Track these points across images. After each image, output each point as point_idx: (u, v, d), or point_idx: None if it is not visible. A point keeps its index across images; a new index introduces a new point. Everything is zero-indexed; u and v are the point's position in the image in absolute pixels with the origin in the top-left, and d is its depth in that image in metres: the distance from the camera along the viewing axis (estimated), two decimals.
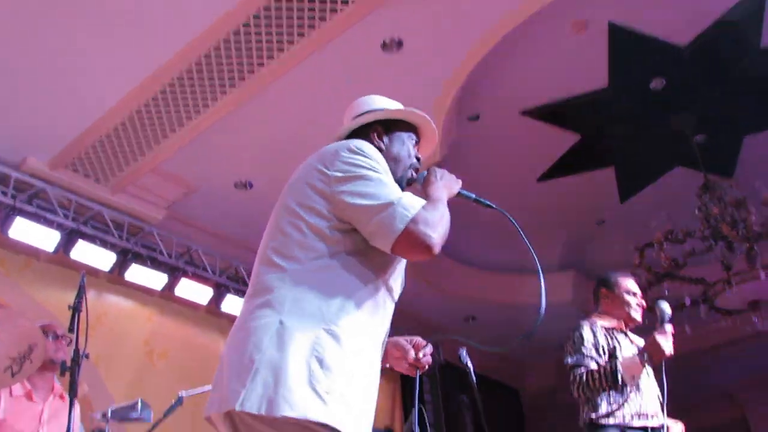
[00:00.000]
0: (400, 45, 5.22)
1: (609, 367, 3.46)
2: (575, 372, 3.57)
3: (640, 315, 3.81)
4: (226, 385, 1.69)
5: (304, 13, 4.81)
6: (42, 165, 6.00)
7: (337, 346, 1.71)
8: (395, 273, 1.97)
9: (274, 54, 5.07)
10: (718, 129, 6.94)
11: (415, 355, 2.15)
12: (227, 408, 1.65)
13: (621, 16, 5.63)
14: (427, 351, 2.17)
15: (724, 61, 6.13)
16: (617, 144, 7.12)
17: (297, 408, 1.59)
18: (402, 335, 2.20)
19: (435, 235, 1.79)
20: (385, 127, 2.16)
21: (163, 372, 6.81)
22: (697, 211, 6.54)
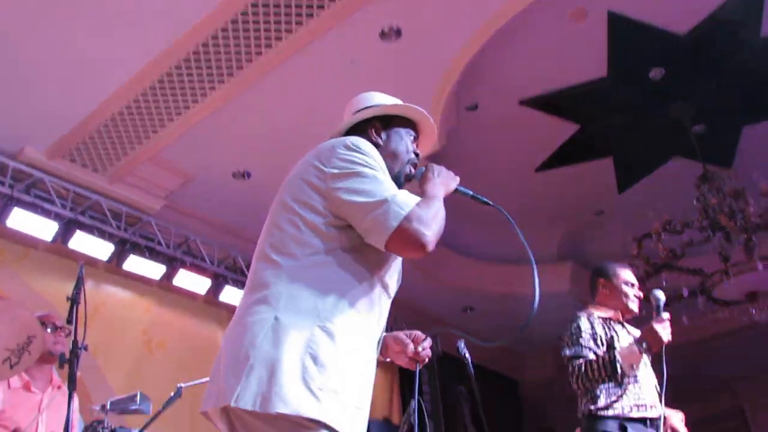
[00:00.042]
0: (398, 34, 5.21)
1: (607, 358, 3.44)
2: (573, 363, 3.55)
3: (637, 306, 3.81)
4: (221, 381, 1.70)
5: (302, 2, 4.80)
6: (39, 155, 5.99)
7: (332, 343, 1.72)
8: (391, 270, 1.97)
9: (272, 43, 5.05)
10: (716, 119, 6.93)
11: (415, 349, 2.16)
12: (223, 403, 1.66)
13: (620, 5, 5.61)
14: (426, 344, 2.18)
15: (723, 51, 6.11)
16: (616, 134, 7.11)
17: (290, 405, 1.60)
18: (400, 325, 2.21)
19: (429, 233, 1.80)
20: (384, 123, 2.15)
21: (162, 362, 6.81)
22: (696, 202, 6.53)
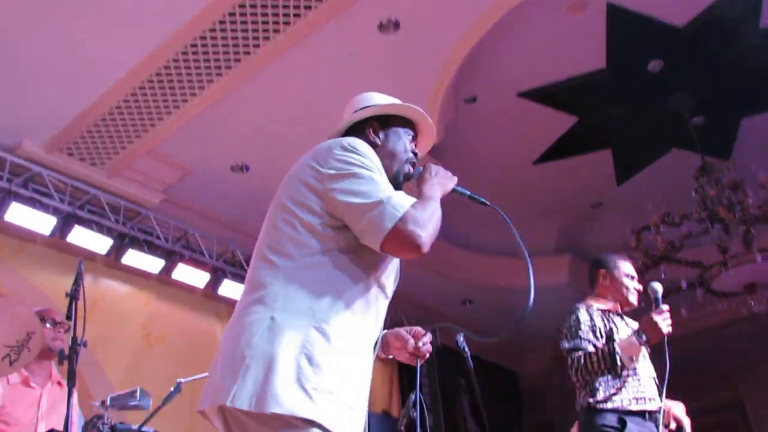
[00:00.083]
0: (397, 26, 5.19)
1: (607, 350, 3.42)
2: (573, 356, 3.53)
3: (636, 298, 3.80)
4: (218, 380, 1.72)
5: None
6: (37, 149, 5.97)
7: (327, 343, 1.73)
8: (388, 270, 1.98)
9: (269, 36, 5.03)
10: (715, 111, 6.92)
11: (415, 344, 2.18)
12: (219, 403, 1.68)
13: None
14: (427, 340, 2.20)
15: (722, 43, 6.10)
16: (614, 126, 7.10)
17: (285, 405, 1.62)
18: (399, 318, 2.22)
19: (424, 234, 1.81)
20: (382, 123, 2.16)
21: (161, 356, 6.82)
22: (694, 194, 6.53)
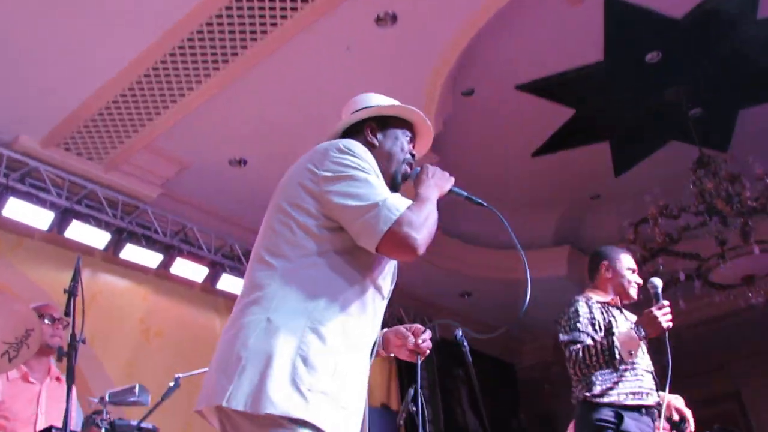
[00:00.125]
0: (394, 19, 5.17)
1: (606, 343, 3.38)
2: (571, 348, 3.50)
3: (636, 292, 3.78)
4: (214, 381, 1.73)
5: None
6: (34, 143, 5.95)
7: (322, 344, 1.74)
8: (384, 271, 1.99)
9: (267, 29, 5.01)
10: (713, 103, 6.92)
11: (415, 341, 2.21)
12: (215, 403, 1.69)
13: None
14: (426, 337, 2.23)
15: (719, 35, 6.09)
16: (612, 118, 7.09)
17: (279, 406, 1.63)
18: (397, 310, 2.23)
19: (419, 237, 1.82)
20: (380, 124, 2.17)
21: (159, 350, 6.82)
22: (692, 186, 6.53)
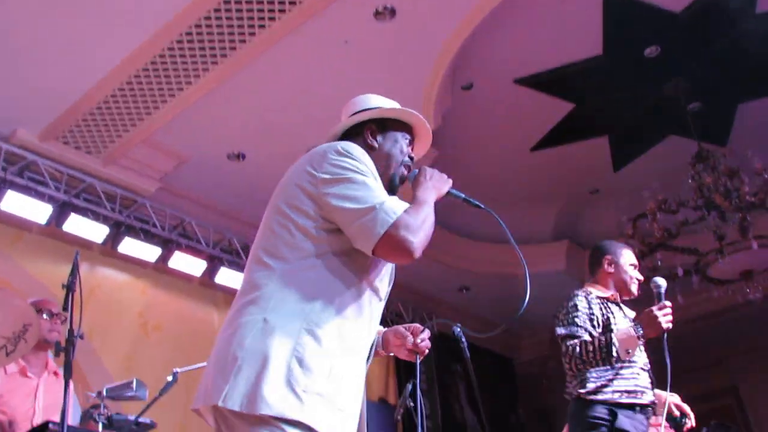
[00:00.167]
0: (393, 13, 5.16)
1: (604, 340, 3.35)
2: (567, 343, 3.47)
3: (637, 288, 3.76)
4: (210, 380, 1.74)
5: None
6: (32, 137, 5.95)
7: (318, 346, 1.75)
8: (381, 273, 1.99)
9: (265, 23, 5.01)
10: (712, 97, 6.92)
11: (414, 341, 2.23)
12: (211, 402, 1.70)
13: None
14: (425, 336, 2.24)
15: (718, 29, 6.09)
16: (611, 112, 7.09)
17: (274, 407, 1.63)
18: (396, 305, 2.24)
19: (415, 240, 1.83)
20: (380, 126, 2.17)
21: (158, 344, 6.82)
22: (691, 181, 6.53)
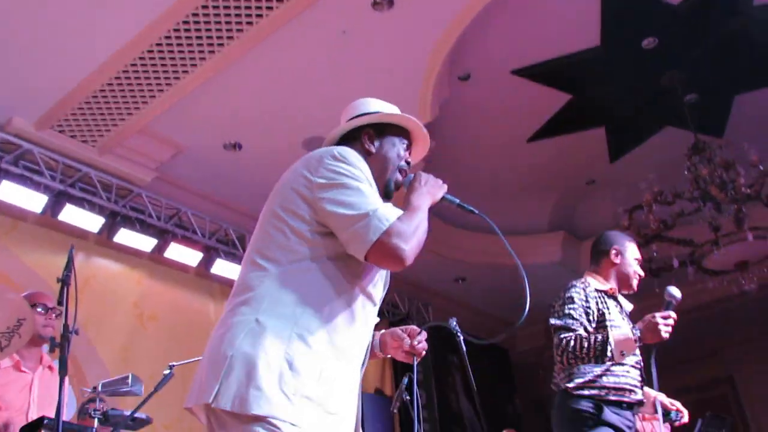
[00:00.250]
0: (390, 4, 5.15)
1: (600, 339, 3.29)
2: (561, 335, 3.43)
3: (637, 284, 3.74)
4: (202, 379, 1.76)
5: None
6: (28, 125, 5.92)
7: (308, 349, 1.77)
8: (375, 279, 2.01)
9: (263, 13, 4.98)
10: (709, 88, 6.92)
11: (411, 343, 2.27)
12: (203, 401, 1.72)
13: None
14: (422, 338, 2.28)
15: (716, 20, 6.09)
16: (608, 103, 7.09)
17: (264, 408, 1.66)
18: (392, 296, 2.24)
19: (407, 248, 1.84)
20: (377, 131, 2.18)
21: (153, 335, 6.81)
22: (687, 172, 6.54)
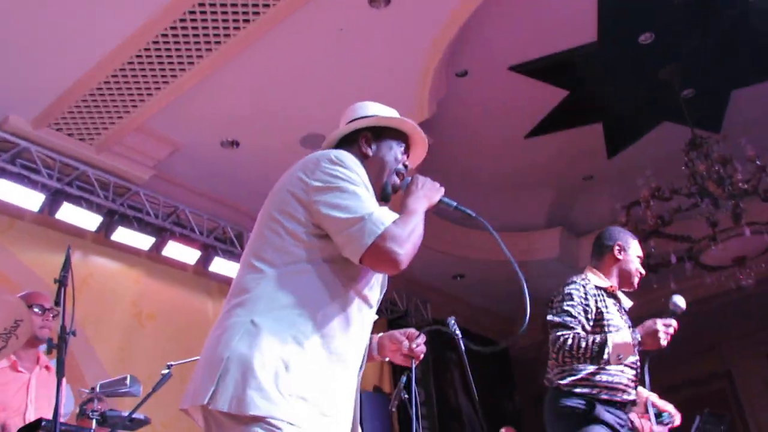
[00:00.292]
0: (387, 1, 5.14)
1: (598, 341, 3.26)
2: (558, 333, 3.41)
3: (638, 282, 3.73)
4: (199, 380, 1.77)
5: None
6: (25, 124, 5.91)
7: (303, 351, 1.78)
8: (371, 282, 2.01)
9: (260, 10, 4.97)
10: (705, 84, 6.93)
11: (409, 346, 2.27)
12: (199, 403, 1.72)
13: None
14: (420, 341, 2.28)
15: (712, 16, 6.09)
16: (605, 99, 7.09)
17: (261, 408, 1.67)
18: (390, 293, 2.24)
19: (401, 252, 1.84)
20: (375, 134, 2.19)
21: (151, 333, 6.80)
22: (684, 168, 6.55)
